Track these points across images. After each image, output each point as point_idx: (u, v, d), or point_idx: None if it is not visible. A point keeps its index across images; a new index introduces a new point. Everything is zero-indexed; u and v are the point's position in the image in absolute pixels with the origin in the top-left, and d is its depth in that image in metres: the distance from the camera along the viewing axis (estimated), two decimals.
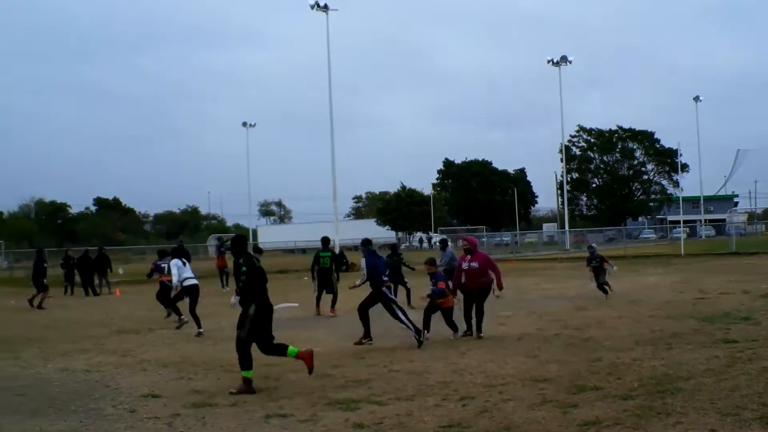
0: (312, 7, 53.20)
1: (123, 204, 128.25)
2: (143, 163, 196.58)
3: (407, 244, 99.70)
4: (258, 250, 21.16)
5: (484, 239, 75.24)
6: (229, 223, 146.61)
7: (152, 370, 12.09)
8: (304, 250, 66.50)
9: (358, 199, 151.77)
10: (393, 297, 14.35)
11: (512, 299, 20.94)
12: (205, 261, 51.30)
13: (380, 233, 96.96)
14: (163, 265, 19.85)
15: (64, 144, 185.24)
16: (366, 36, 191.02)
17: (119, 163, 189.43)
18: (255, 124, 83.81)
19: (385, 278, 14.33)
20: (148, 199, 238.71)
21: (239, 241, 10.90)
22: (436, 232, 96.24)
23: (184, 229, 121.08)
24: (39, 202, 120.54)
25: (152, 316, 21.14)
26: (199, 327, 16.58)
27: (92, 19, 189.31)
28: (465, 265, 14.20)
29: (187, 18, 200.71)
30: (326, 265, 20.06)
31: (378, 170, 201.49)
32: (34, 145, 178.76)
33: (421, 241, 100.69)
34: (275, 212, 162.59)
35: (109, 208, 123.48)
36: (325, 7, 53.69)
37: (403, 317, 13.85)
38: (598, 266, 21.04)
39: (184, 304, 17.76)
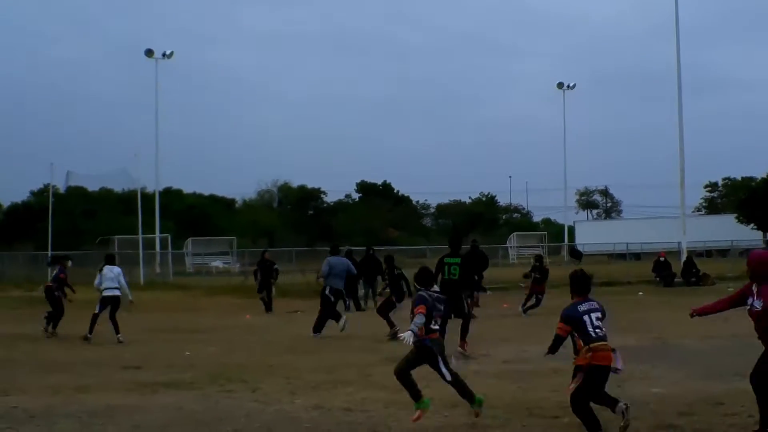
0: None
1: (395, 191, 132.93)
2: (422, 137, 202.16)
3: None
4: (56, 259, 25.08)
5: None
6: (537, 217, 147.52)
7: (434, 411, 12.31)
8: (638, 255, 65.17)
9: (711, 187, 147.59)
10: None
11: None
12: (505, 269, 51.96)
13: (742, 233, 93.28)
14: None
15: (314, 112, 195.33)
16: None
17: (388, 137, 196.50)
18: (574, 86, 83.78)
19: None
20: (429, 184, 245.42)
21: None
22: None
23: (476, 226, 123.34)
24: (284, 187, 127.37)
25: None
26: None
27: None
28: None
29: None
30: (453, 276, 18.69)
31: (741, 149, 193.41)
32: (275, 114, 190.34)
33: None
34: (599, 204, 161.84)
35: (376, 195, 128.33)
36: None
37: None
38: None
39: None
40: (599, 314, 10.60)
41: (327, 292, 23.96)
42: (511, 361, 17.83)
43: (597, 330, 10.44)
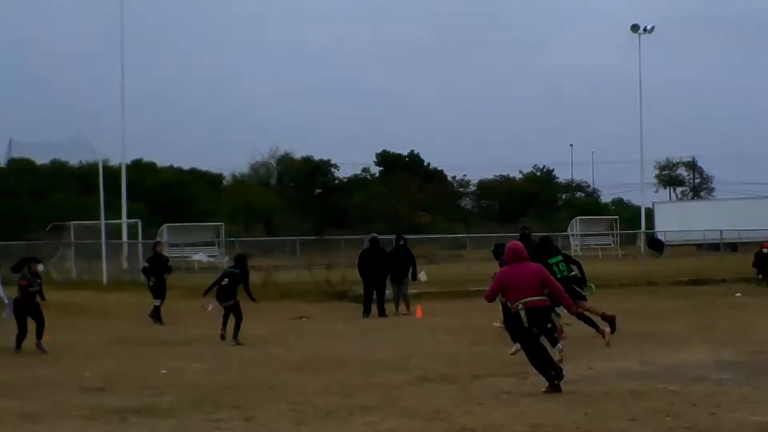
0: None
1: (426, 163, 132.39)
2: (459, 95, 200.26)
3: None
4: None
5: None
6: (606, 197, 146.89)
7: None
8: (734, 246, 64.86)
9: None
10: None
11: None
12: None
13: None
14: None
15: (319, 61, 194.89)
16: None
17: (415, 94, 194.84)
18: (653, 29, 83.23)
19: None
20: (468, 155, 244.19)
21: None
22: None
23: (529, 208, 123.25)
24: (284, 159, 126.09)
25: (478, 353, 21.60)
26: None
27: None
28: None
29: None
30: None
31: None
32: (266, 67, 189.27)
33: None
34: (684, 180, 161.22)
35: (402, 169, 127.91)
36: None
37: None
38: None
39: None
40: None
41: None
42: (575, 381, 17.71)
43: None
